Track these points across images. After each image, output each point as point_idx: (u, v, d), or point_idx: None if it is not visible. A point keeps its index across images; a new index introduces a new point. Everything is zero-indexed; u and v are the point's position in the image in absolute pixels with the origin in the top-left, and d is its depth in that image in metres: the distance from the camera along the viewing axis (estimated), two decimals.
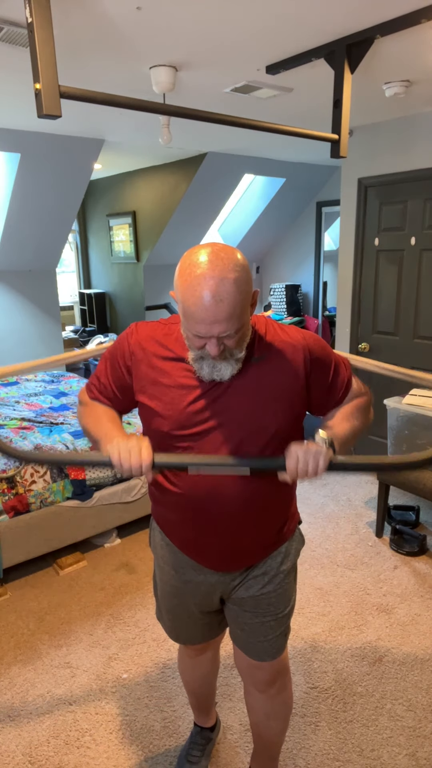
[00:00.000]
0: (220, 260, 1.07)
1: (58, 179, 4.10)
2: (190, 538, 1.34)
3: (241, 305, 1.09)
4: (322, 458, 1.11)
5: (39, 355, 5.06)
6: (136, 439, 1.13)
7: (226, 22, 1.91)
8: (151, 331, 1.28)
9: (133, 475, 1.12)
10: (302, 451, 1.11)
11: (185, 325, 1.13)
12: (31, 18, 1.55)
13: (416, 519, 3.16)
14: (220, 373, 1.18)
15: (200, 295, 1.06)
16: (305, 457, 1.10)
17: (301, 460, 1.10)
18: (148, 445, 1.13)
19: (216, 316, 1.07)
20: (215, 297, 1.06)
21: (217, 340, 1.11)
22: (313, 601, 2.54)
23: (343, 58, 2.11)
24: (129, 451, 1.11)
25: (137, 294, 5.94)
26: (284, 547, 1.39)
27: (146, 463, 1.11)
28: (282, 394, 1.22)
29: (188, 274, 1.08)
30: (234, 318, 1.09)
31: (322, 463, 1.11)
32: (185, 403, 1.21)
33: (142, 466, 1.11)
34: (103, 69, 2.39)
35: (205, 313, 1.07)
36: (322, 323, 6.01)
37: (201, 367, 1.18)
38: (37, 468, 2.70)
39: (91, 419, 1.30)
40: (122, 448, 1.12)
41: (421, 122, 3.29)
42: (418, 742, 1.84)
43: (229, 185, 5.08)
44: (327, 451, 1.12)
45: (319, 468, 1.11)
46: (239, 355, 1.17)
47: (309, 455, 1.10)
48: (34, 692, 2.06)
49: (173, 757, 1.80)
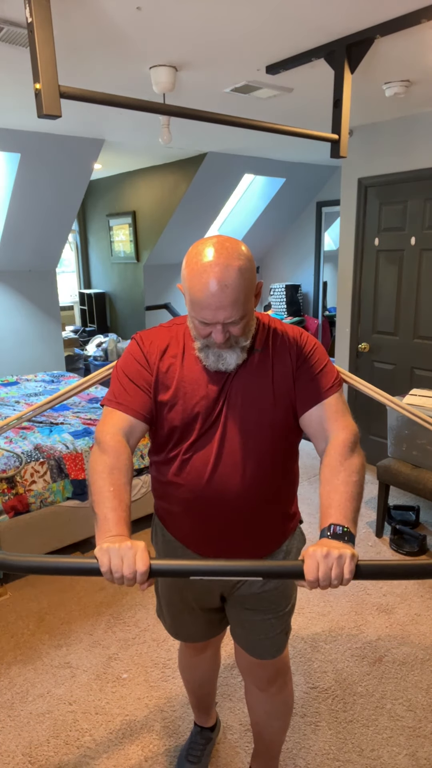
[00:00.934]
0: (225, 249, 1.11)
1: (58, 179, 4.10)
2: (193, 532, 1.35)
3: (246, 293, 1.12)
4: (347, 566, 0.97)
5: (39, 355, 5.07)
6: (131, 545, 0.99)
7: (226, 22, 1.91)
8: (154, 336, 1.30)
9: (125, 585, 0.99)
10: (322, 556, 0.97)
11: (191, 312, 1.16)
12: (31, 18, 1.55)
13: (416, 519, 3.16)
14: (225, 363, 1.20)
15: (206, 282, 1.09)
16: (326, 564, 0.97)
17: (322, 568, 0.97)
18: (144, 549, 0.99)
19: (221, 301, 1.10)
20: (220, 283, 1.09)
21: (222, 327, 1.14)
22: (314, 601, 2.54)
23: (343, 58, 2.11)
24: (121, 559, 0.97)
25: (137, 294, 5.94)
26: (285, 545, 1.40)
27: (141, 571, 0.97)
28: (277, 386, 1.25)
29: (195, 263, 1.12)
30: (239, 304, 1.12)
31: (347, 573, 0.97)
32: (197, 397, 1.23)
33: (137, 575, 0.97)
34: (103, 69, 2.39)
35: (211, 299, 1.10)
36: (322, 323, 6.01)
37: (207, 356, 1.20)
38: (37, 468, 2.70)
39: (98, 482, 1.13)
40: (113, 554, 0.98)
41: (421, 122, 3.29)
42: (418, 742, 1.84)
43: (229, 185, 5.08)
44: (352, 556, 0.98)
45: (344, 578, 0.97)
46: (244, 343, 1.20)
47: (331, 561, 0.97)
48: (34, 692, 2.06)
49: (173, 757, 1.80)
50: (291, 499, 1.39)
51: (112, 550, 0.98)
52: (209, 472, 1.25)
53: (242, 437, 1.24)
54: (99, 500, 1.10)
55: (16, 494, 2.62)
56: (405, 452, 2.94)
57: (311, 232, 5.92)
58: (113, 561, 0.97)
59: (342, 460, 1.18)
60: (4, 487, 2.60)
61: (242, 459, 1.24)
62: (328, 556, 0.97)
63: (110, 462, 1.15)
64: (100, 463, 1.15)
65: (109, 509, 1.07)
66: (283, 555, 1.39)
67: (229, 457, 1.24)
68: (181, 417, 1.24)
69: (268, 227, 5.94)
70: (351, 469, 1.16)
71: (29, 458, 2.70)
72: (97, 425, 1.25)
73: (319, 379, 1.26)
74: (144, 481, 3.05)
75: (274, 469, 1.28)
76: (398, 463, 2.96)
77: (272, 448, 1.26)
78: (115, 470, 1.14)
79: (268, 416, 1.24)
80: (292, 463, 1.36)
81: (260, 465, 1.26)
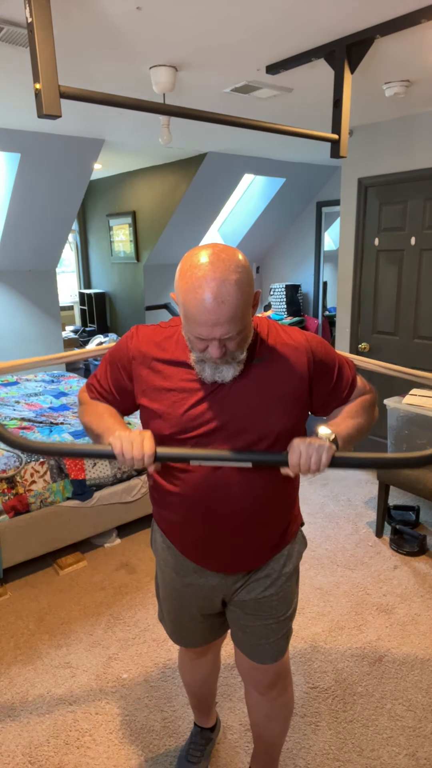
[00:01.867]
0: (221, 261, 1.06)
1: (58, 179, 4.10)
2: (192, 541, 1.33)
3: (243, 307, 1.08)
4: (325, 453, 1.10)
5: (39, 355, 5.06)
6: (139, 432, 1.14)
7: (226, 22, 1.91)
8: (152, 335, 1.28)
9: (135, 466, 1.12)
10: (305, 445, 1.11)
11: (186, 327, 1.12)
12: (31, 18, 1.55)
13: (416, 519, 3.16)
14: (221, 375, 1.18)
15: (202, 298, 1.05)
16: (308, 452, 1.10)
17: (304, 455, 1.10)
18: (151, 436, 1.14)
19: (218, 318, 1.06)
20: (217, 299, 1.04)
21: (219, 342, 1.10)
22: (313, 601, 2.54)
23: (343, 58, 2.11)
24: (131, 443, 1.12)
25: (137, 294, 5.94)
26: (287, 550, 1.39)
27: (149, 453, 1.11)
28: (285, 396, 1.22)
29: (189, 276, 1.07)
30: (236, 320, 1.08)
31: (325, 458, 1.10)
32: (186, 407, 1.21)
33: (145, 457, 1.11)
34: (103, 69, 2.39)
35: (207, 316, 1.06)
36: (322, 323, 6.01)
37: (203, 369, 1.18)
38: (37, 468, 2.70)
39: (92, 416, 1.30)
40: (124, 439, 1.12)
41: (421, 122, 3.29)
42: (418, 742, 1.84)
43: (229, 185, 5.08)
44: (330, 446, 1.11)
45: (322, 463, 1.10)
46: (241, 356, 1.17)
47: (312, 450, 1.10)
48: (34, 692, 2.06)
49: (173, 758, 1.80)
50: (292, 505, 1.38)
51: (123, 436, 1.13)
52: (207, 481, 1.23)
53: (241, 446, 1.21)
54: (97, 420, 1.27)
55: (16, 494, 2.62)
56: (405, 452, 2.94)
57: (311, 232, 5.92)
58: (125, 445, 1.12)
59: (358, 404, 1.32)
60: (4, 487, 2.60)
61: (240, 470, 1.22)
62: (310, 445, 1.11)
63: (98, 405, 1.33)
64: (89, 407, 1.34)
65: (111, 419, 1.26)
66: (285, 559, 1.38)
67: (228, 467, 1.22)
68: (171, 425, 1.22)
69: (268, 227, 5.94)
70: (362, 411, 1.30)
71: (29, 458, 2.70)
72: (80, 390, 1.41)
73: (342, 380, 1.31)
74: (143, 480, 3.05)
75: (275, 477, 1.25)
76: None
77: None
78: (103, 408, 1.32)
79: (269, 425, 1.21)
80: None
81: (259, 475, 1.24)
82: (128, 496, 2.97)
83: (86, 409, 1.34)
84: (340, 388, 1.31)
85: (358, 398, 1.34)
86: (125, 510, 2.99)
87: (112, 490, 2.92)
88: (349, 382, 1.31)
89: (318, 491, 3.60)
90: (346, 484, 3.69)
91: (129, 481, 2.99)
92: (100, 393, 1.35)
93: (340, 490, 3.61)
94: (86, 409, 1.34)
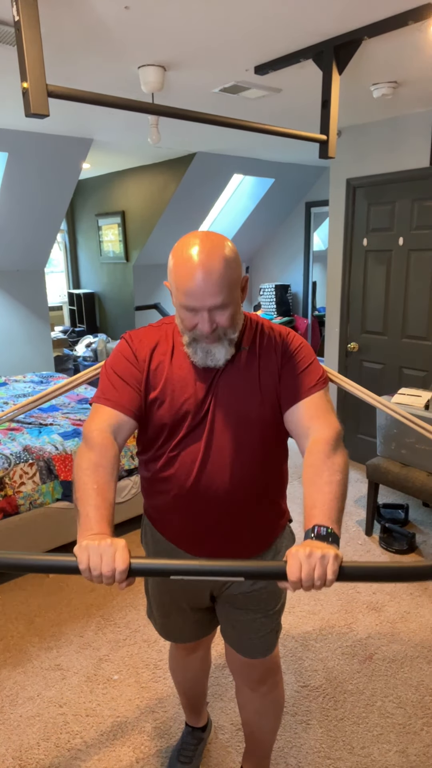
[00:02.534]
0: (210, 241, 1.13)
1: (47, 178, 4.07)
2: (181, 528, 1.35)
3: (231, 280, 1.13)
4: (330, 566, 0.95)
5: (27, 356, 5.04)
6: (111, 542, 0.97)
7: (214, 22, 1.91)
8: (144, 334, 1.31)
9: (104, 583, 0.97)
10: (305, 556, 0.96)
11: (178, 302, 1.16)
12: (18, 16, 1.54)
13: (405, 517, 3.18)
14: (213, 358, 1.19)
15: (192, 268, 1.11)
16: (309, 565, 0.95)
17: (305, 569, 0.95)
18: (124, 548, 0.97)
19: (207, 286, 1.10)
20: (206, 269, 1.10)
21: (209, 315, 1.13)
22: (304, 600, 2.55)
23: (331, 59, 2.12)
24: (101, 557, 0.96)
25: (127, 294, 5.92)
26: (275, 544, 1.40)
27: (120, 569, 0.95)
28: (264, 385, 1.26)
29: (180, 253, 1.13)
30: (225, 290, 1.12)
31: (331, 574, 0.95)
32: (186, 395, 1.24)
33: (116, 573, 0.95)
34: (92, 68, 2.38)
35: (197, 284, 1.11)
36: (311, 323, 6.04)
37: (195, 352, 1.20)
38: (26, 470, 2.68)
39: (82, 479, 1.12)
40: (93, 552, 0.96)
41: (409, 123, 3.31)
42: (408, 739, 1.86)
43: (218, 185, 5.08)
44: (335, 556, 0.96)
45: (328, 578, 0.95)
46: (232, 335, 1.19)
47: (314, 562, 0.95)
48: (24, 695, 2.05)
49: (165, 758, 1.80)
50: (280, 496, 1.40)
51: (91, 547, 0.96)
52: (197, 468, 1.25)
53: (231, 434, 1.24)
54: (82, 497, 1.08)
55: (5, 496, 2.60)
56: (394, 451, 2.96)
57: (300, 233, 5.94)
58: (92, 559, 0.96)
59: (324, 458, 1.15)
60: None
61: (230, 455, 1.25)
62: (311, 556, 0.95)
63: (95, 459, 1.14)
64: (86, 460, 1.14)
65: (92, 507, 1.06)
66: (273, 554, 1.40)
67: (218, 453, 1.25)
68: (170, 415, 1.24)
69: (257, 227, 5.95)
70: (334, 468, 1.14)
71: (18, 459, 2.68)
72: (85, 422, 1.24)
73: (303, 377, 1.26)
74: (134, 481, 3.04)
75: (263, 466, 1.29)
76: (387, 462, 2.98)
77: (261, 445, 1.27)
78: (100, 467, 1.13)
79: (257, 414, 1.25)
80: (281, 461, 1.36)
81: (249, 462, 1.26)
82: (118, 497, 2.96)
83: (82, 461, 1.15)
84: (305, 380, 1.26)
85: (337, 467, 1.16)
86: (116, 511, 2.97)
87: None
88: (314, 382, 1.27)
89: None
90: None
91: (120, 482, 2.98)
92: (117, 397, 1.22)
93: None
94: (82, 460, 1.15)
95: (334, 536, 1.02)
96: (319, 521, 1.04)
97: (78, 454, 1.18)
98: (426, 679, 2.09)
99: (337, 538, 1.02)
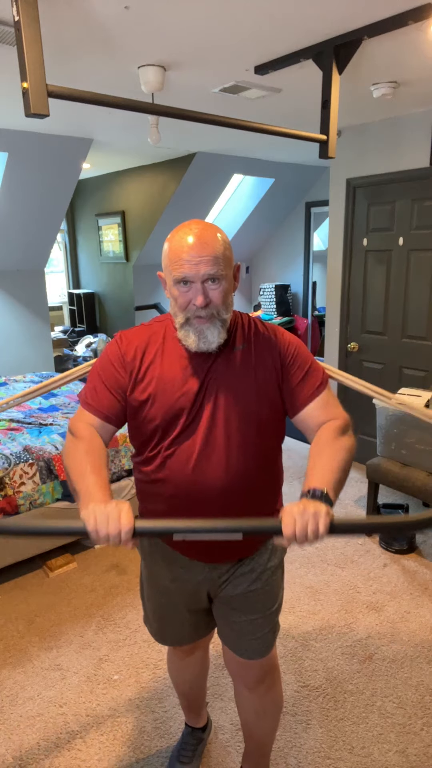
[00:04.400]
0: (203, 223, 1.20)
1: (47, 179, 4.08)
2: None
3: (226, 256, 1.18)
4: (321, 521, 1.01)
5: (27, 356, 5.04)
6: (115, 504, 1.03)
7: (214, 22, 1.91)
8: (137, 333, 1.32)
9: (110, 543, 1.02)
10: (299, 512, 1.02)
11: (172, 279, 1.18)
12: (18, 16, 1.54)
13: None
14: (206, 341, 1.20)
15: (186, 238, 1.16)
16: (303, 520, 1.01)
17: (299, 524, 1.01)
18: (128, 509, 1.03)
19: (201, 254, 1.14)
20: (200, 239, 1.15)
21: (203, 287, 1.16)
22: (304, 600, 2.55)
23: (331, 59, 2.12)
24: (107, 518, 1.01)
25: (127, 294, 5.92)
26: (271, 543, 1.40)
27: (126, 529, 1.00)
28: (262, 384, 1.26)
29: (173, 234, 1.20)
30: (218, 261, 1.16)
31: (323, 527, 1.01)
32: (178, 393, 1.24)
33: (121, 533, 1.00)
34: (92, 68, 2.38)
35: (191, 252, 1.15)
36: (311, 323, 6.04)
37: (188, 335, 1.21)
38: (26, 469, 2.68)
39: (75, 462, 1.19)
40: (99, 513, 1.01)
41: (409, 123, 3.31)
42: (408, 739, 1.86)
43: (218, 185, 5.08)
44: (327, 512, 1.02)
45: (320, 532, 1.01)
46: (225, 315, 1.21)
47: (307, 517, 1.01)
48: (24, 695, 2.05)
49: (164, 758, 1.80)
50: (275, 495, 1.40)
51: (98, 510, 1.02)
52: (192, 467, 1.25)
53: (225, 433, 1.24)
54: (79, 478, 1.14)
55: (5, 496, 2.60)
56: (394, 451, 2.96)
57: (300, 233, 5.94)
58: (99, 520, 1.00)
59: (331, 440, 1.22)
60: None
61: (225, 454, 1.25)
62: (305, 512, 1.01)
63: (85, 446, 1.20)
64: (75, 448, 1.21)
65: (91, 482, 1.11)
66: (269, 554, 1.40)
67: (213, 452, 1.25)
68: (162, 414, 1.24)
69: (257, 227, 5.95)
70: (339, 446, 1.21)
71: (18, 459, 2.68)
72: (71, 418, 1.30)
73: (307, 381, 1.29)
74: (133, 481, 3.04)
75: (258, 465, 1.29)
76: (387, 462, 2.98)
77: (256, 443, 1.27)
78: (90, 452, 1.19)
79: (252, 412, 1.25)
80: (275, 459, 1.36)
81: (244, 460, 1.26)
82: (118, 496, 2.97)
83: (71, 449, 1.23)
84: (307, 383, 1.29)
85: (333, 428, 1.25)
86: None
87: None
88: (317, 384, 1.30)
89: None
90: None
91: (119, 482, 2.98)
92: (97, 401, 1.28)
93: None
94: (71, 448, 1.23)
95: (327, 498, 1.07)
96: (315, 485, 1.10)
97: (66, 445, 1.25)
98: (426, 679, 2.09)
99: (330, 501, 1.08)
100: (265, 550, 1.39)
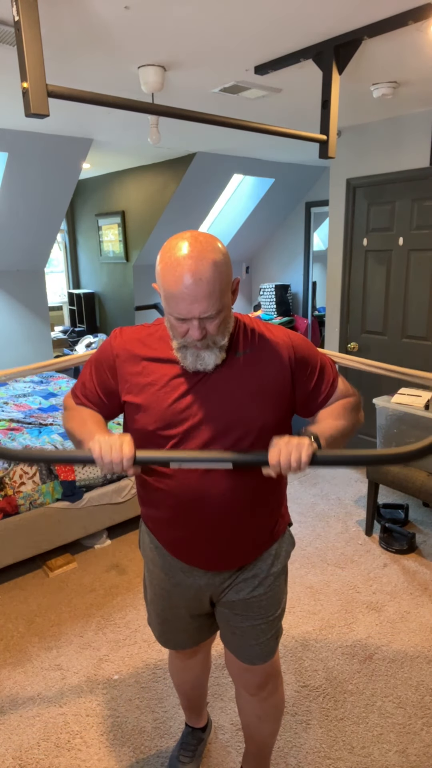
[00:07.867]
0: (198, 243, 1.10)
1: (47, 178, 4.08)
2: (179, 538, 1.33)
3: (221, 286, 1.11)
4: (304, 451, 1.08)
5: (27, 356, 5.04)
6: (118, 436, 1.12)
7: (214, 22, 1.91)
8: (135, 333, 1.30)
9: (114, 470, 1.11)
10: (284, 443, 1.09)
11: (167, 309, 1.15)
12: (18, 16, 1.54)
13: (405, 517, 3.18)
14: (203, 362, 1.19)
15: (180, 275, 1.09)
16: (287, 450, 1.08)
17: (283, 453, 1.08)
18: (130, 440, 1.12)
19: (196, 295, 1.09)
20: (194, 276, 1.08)
21: (199, 323, 1.12)
22: (304, 600, 2.55)
23: (331, 59, 2.12)
24: (111, 446, 1.10)
25: (127, 294, 5.92)
26: (274, 549, 1.39)
27: (128, 456, 1.09)
28: (267, 389, 1.23)
29: (168, 258, 1.11)
30: (214, 298, 1.11)
31: (305, 456, 1.08)
32: (171, 400, 1.22)
33: (124, 460, 1.09)
34: (92, 68, 2.38)
35: (186, 292, 1.09)
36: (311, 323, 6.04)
37: (185, 357, 1.19)
38: (26, 469, 2.68)
39: (75, 422, 1.29)
40: (104, 443, 1.11)
41: (409, 123, 3.31)
42: (408, 739, 1.86)
43: (218, 185, 5.08)
44: (309, 444, 1.10)
45: (302, 461, 1.08)
46: (222, 342, 1.18)
47: (291, 447, 1.08)
48: (24, 695, 2.05)
49: (165, 758, 1.80)
50: (279, 501, 1.38)
51: (102, 440, 1.12)
52: (195, 478, 1.23)
53: (228, 439, 1.21)
54: (81, 429, 1.24)
55: (5, 496, 2.60)
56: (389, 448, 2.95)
57: (300, 233, 5.94)
58: (104, 448, 1.10)
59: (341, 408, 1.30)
60: None
61: None
62: (289, 442, 1.09)
63: (83, 410, 1.32)
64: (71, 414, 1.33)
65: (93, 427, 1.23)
66: (272, 558, 1.38)
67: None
68: (156, 420, 1.22)
69: (257, 227, 5.95)
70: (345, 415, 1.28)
71: None
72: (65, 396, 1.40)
73: (323, 379, 1.30)
74: (134, 481, 3.04)
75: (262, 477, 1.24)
76: None
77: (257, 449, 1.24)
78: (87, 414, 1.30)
79: (256, 419, 1.22)
80: None
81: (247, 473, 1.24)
82: (118, 497, 2.97)
83: (70, 415, 1.33)
84: (322, 385, 1.30)
85: (342, 400, 1.33)
86: (115, 511, 2.98)
87: (102, 491, 2.91)
88: (330, 382, 1.32)
89: (308, 490, 3.61)
90: (336, 483, 3.70)
91: (119, 482, 2.98)
92: (85, 396, 1.33)
93: (329, 489, 3.63)
94: (70, 414, 1.34)
95: (316, 439, 1.14)
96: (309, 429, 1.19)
97: (64, 415, 1.36)
98: (426, 679, 2.09)
99: (320, 443, 1.14)
100: (268, 556, 1.38)
